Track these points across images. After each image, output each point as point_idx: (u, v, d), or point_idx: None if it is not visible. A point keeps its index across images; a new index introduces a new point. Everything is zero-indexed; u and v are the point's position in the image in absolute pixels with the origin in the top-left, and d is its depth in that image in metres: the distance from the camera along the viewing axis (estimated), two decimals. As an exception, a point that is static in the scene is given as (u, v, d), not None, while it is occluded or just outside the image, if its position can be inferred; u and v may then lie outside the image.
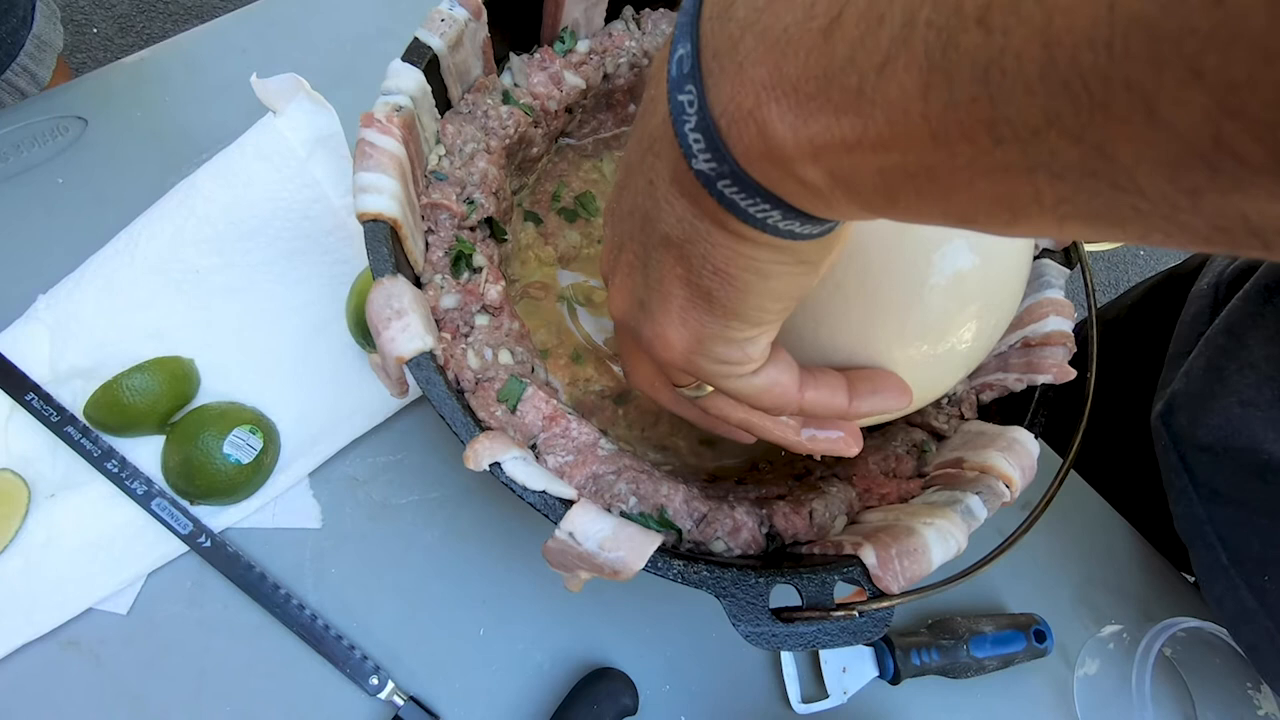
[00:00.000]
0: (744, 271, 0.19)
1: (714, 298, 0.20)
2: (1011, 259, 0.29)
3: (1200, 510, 0.44)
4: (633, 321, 0.23)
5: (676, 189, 0.19)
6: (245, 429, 0.39)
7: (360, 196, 0.29)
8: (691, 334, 0.21)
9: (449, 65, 0.35)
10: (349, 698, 0.38)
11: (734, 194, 0.17)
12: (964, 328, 0.28)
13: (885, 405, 0.26)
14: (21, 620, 0.36)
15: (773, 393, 0.23)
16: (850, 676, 0.42)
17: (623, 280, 0.23)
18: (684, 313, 0.21)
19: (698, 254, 0.19)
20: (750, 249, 0.18)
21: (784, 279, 0.19)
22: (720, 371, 0.22)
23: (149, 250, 0.43)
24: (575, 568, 0.28)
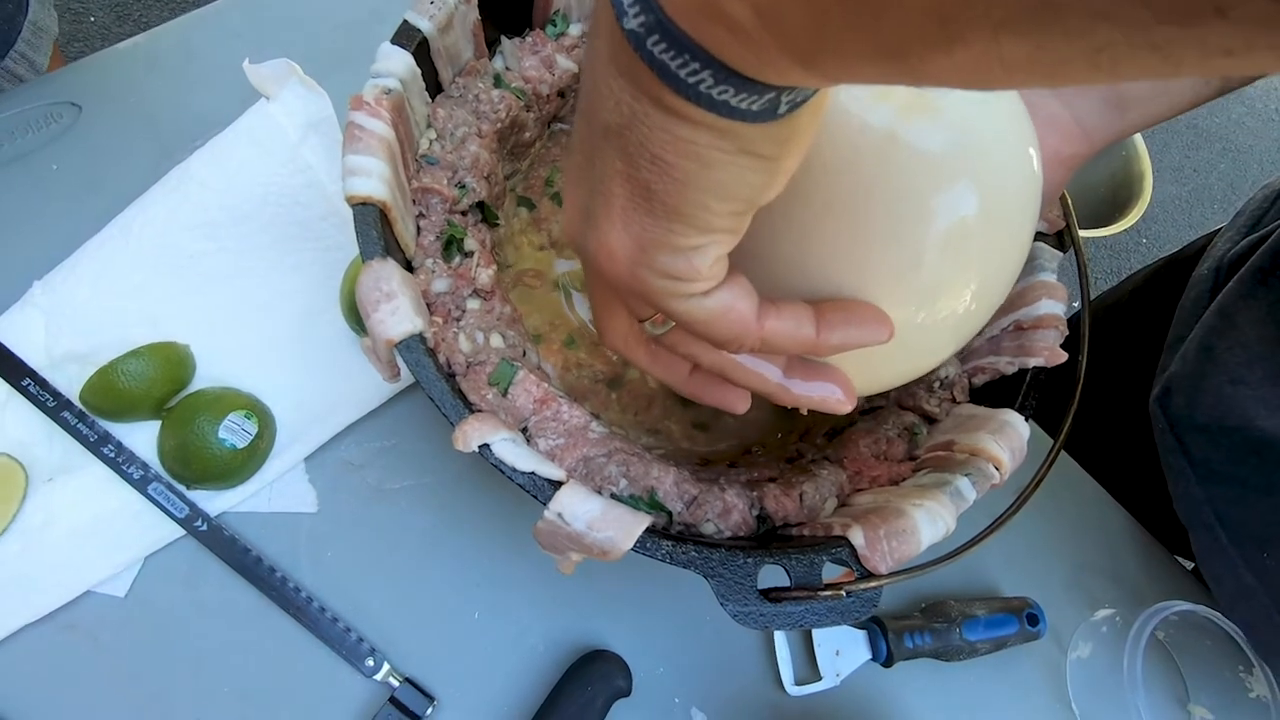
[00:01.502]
0: (682, 158, 0.17)
1: (653, 193, 0.18)
2: (1018, 209, 0.26)
3: (1198, 490, 0.44)
4: (580, 237, 0.21)
5: (613, 66, 0.17)
6: (240, 414, 0.40)
7: (349, 179, 0.29)
8: (634, 240, 0.20)
9: (439, 48, 0.35)
10: (345, 679, 0.39)
11: (663, 52, 0.16)
12: (964, 289, 0.25)
13: (861, 338, 0.23)
14: (20, 603, 0.37)
15: (727, 319, 0.21)
16: (843, 659, 0.42)
17: (572, 192, 0.21)
18: (625, 215, 0.19)
19: (636, 141, 0.18)
20: (688, 130, 0.17)
21: (727, 170, 0.18)
22: (667, 288, 0.20)
23: (143, 236, 0.43)
24: (565, 549, 0.29)
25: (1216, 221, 1.70)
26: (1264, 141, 1.82)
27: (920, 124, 0.23)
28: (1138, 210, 1.18)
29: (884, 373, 0.28)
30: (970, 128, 0.24)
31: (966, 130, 0.24)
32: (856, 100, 0.23)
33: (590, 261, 0.21)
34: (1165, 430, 0.46)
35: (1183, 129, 1.81)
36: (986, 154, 0.25)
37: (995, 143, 0.25)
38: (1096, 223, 1.20)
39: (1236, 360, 0.40)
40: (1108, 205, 1.22)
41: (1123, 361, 0.57)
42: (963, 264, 0.25)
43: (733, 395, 0.26)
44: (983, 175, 0.24)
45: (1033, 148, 0.26)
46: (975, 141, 0.24)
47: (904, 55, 0.13)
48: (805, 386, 0.25)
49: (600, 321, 0.25)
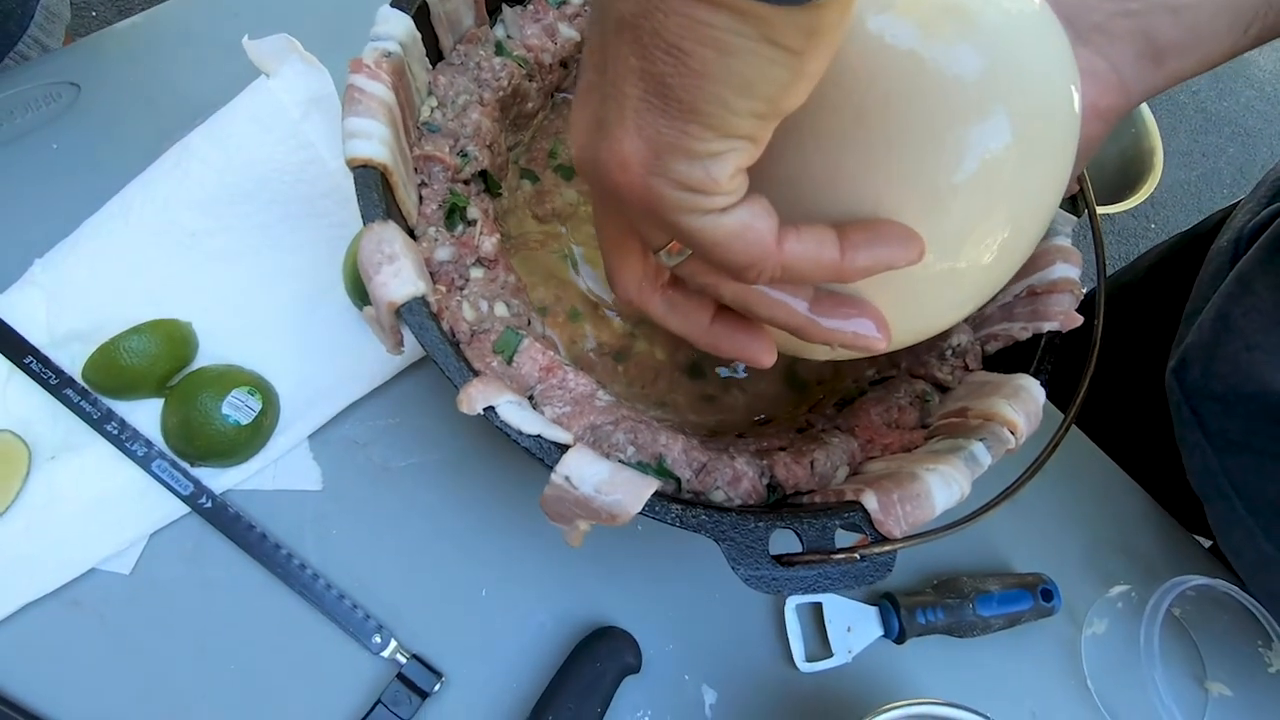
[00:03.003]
0: (700, 45, 0.16)
1: (669, 90, 0.17)
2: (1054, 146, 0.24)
3: (1214, 461, 0.43)
4: (590, 152, 0.20)
5: None
6: (244, 390, 0.39)
7: (349, 142, 0.29)
8: (648, 144, 0.18)
9: (439, 14, 0.34)
10: (352, 656, 0.38)
11: None
12: (988, 237, 0.24)
13: (889, 257, 0.21)
14: (25, 580, 0.36)
15: (745, 239, 0.19)
16: (855, 636, 0.42)
17: (581, 109, 0.20)
18: (639, 116, 0.18)
19: (651, 30, 0.16)
20: (708, 12, 0.16)
21: (748, 60, 0.16)
22: (681, 201, 0.19)
23: (144, 214, 0.42)
24: (573, 516, 0.28)
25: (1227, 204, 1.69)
26: (1274, 125, 1.80)
27: (951, 40, 0.22)
28: (1149, 186, 1.17)
29: (897, 330, 0.25)
30: (1006, 51, 0.22)
31: (1002, 53, 0.22)
32: (879, 14, 0.22)
33: (603, 175, 0.20)
34: (1181, 403, 0.45)
35: (1191, 113, 1.79)
36: (1024, 85, 0.23)
37: (1034, 72, 0.23)
38: (1108, 199, 1.18)
39: (1253, 326, 0.39)
40: (1118, 182, 1.21)
41: (1139, 338, 0.57)
42: (990, 202, 0.23)
43: (756, 343, 0.24)
44: (1018, 109, 0.22)
45: (1074, 85, 0.24)
46: (1012, 69, 0.22)
47: None
48: (835, 321, 0.23)
49: (612, 264, 0.23)
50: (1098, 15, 0.30)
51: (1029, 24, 0.23)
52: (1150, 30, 0.30)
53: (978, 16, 0.22)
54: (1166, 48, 0.30)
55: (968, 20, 0.22)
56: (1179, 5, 0.30)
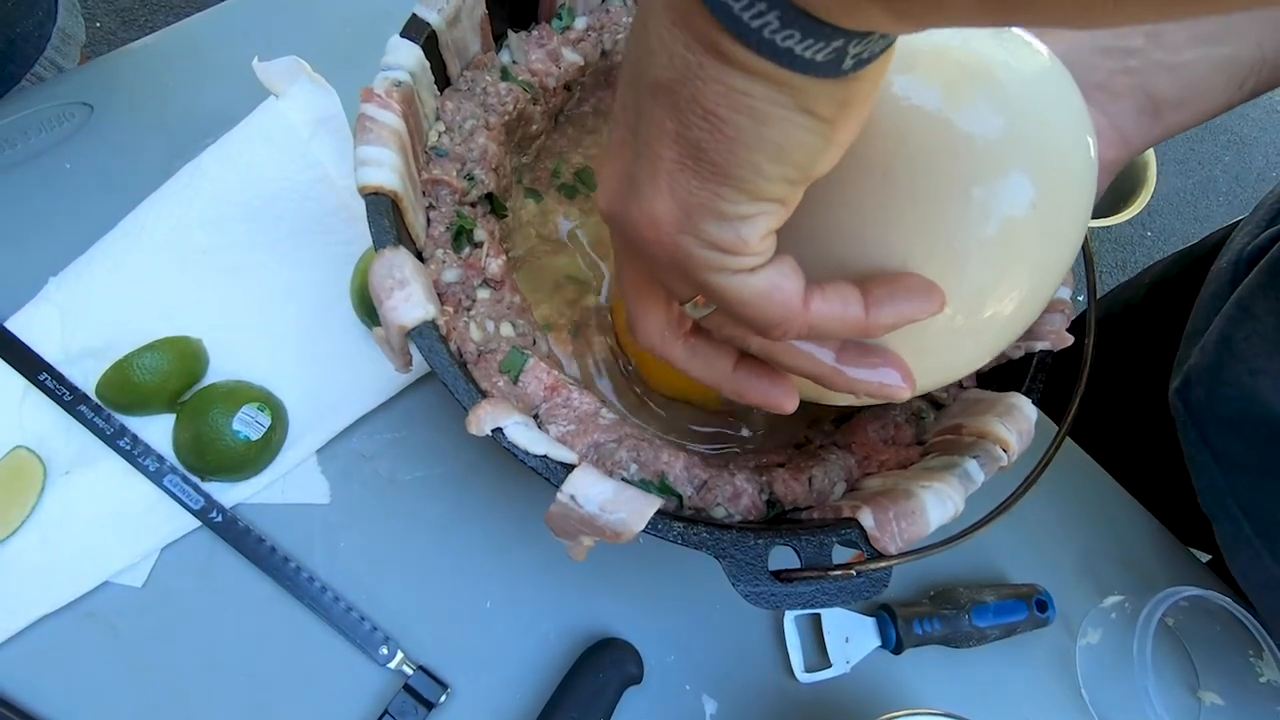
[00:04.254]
0: (736, 113, 0.16)
1: (704, 152, 0.17)
2: (1074, 201, 0.24)
3: (1221, 482, 0.44)
4: (619, 206, 0.20)
5: (668, 15, 0.16)
6: (254, 406, 0.40)
7: (361, 170, 0.30)
8: (680, 204, 0.18)
9: (447, 41, 0.35)
10: (359, 667, 0.39)
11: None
12: (1011, 290, 0.24)
13: (912, 311, 0.22)
14: (40, 593, 0.37)
15: (772, 299, 0.20)
16: (853, 646, 0.43)
17: (612, 162, 0.20)
18: (672, 177, 0.18)
19: (688, 96, 0.17)
20: (745, 82, 0.16)
21: (782, 129, 0.17)
22: (711, 260, 0.19)
23: (156, 232, 0.43)
24: (578, 533, 0.29)
25: (1222, 214, 1.70)
26: (1269, 134, 1.82)
27: (974, 101, 0.22)
28: (1143, 199, 1.18)
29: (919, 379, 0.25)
30: (1027, 110, 0.23)
31: (1023, 112, 0.23)
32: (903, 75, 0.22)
33: (631, 231, 0.20)
34: (1187, 423, 0.46)
35: (1187, 122, 1.80)
36: (1045, 142, 0.23)
37: (1054, 128, 0.23)
38: (1102, 212, 1.20)
39: (1256, 350, 0.40)
40: (1112, 195, 1.22)
41: (1141, 357, 0.57)
42: (1011, 259, 0.23)
43: (779, 390, 0.24)
44: (1039, 166, 0.23)
45: (1090, 136, 0.25)
46: (1033, 127, 0.23)
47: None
48: (861, 371, 0.23)
49: (635, 312, 0.23)
50: (1099, 74, 0.31)
51: (1047, 81, 0.24)
52: (1149, 87, 0.31)
53: (999, 76, 0.23)
54: (1165, 103, 0.31)
55: (990, 80, 0.23)
56: (1177, 63, 0.31)
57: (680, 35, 0.16)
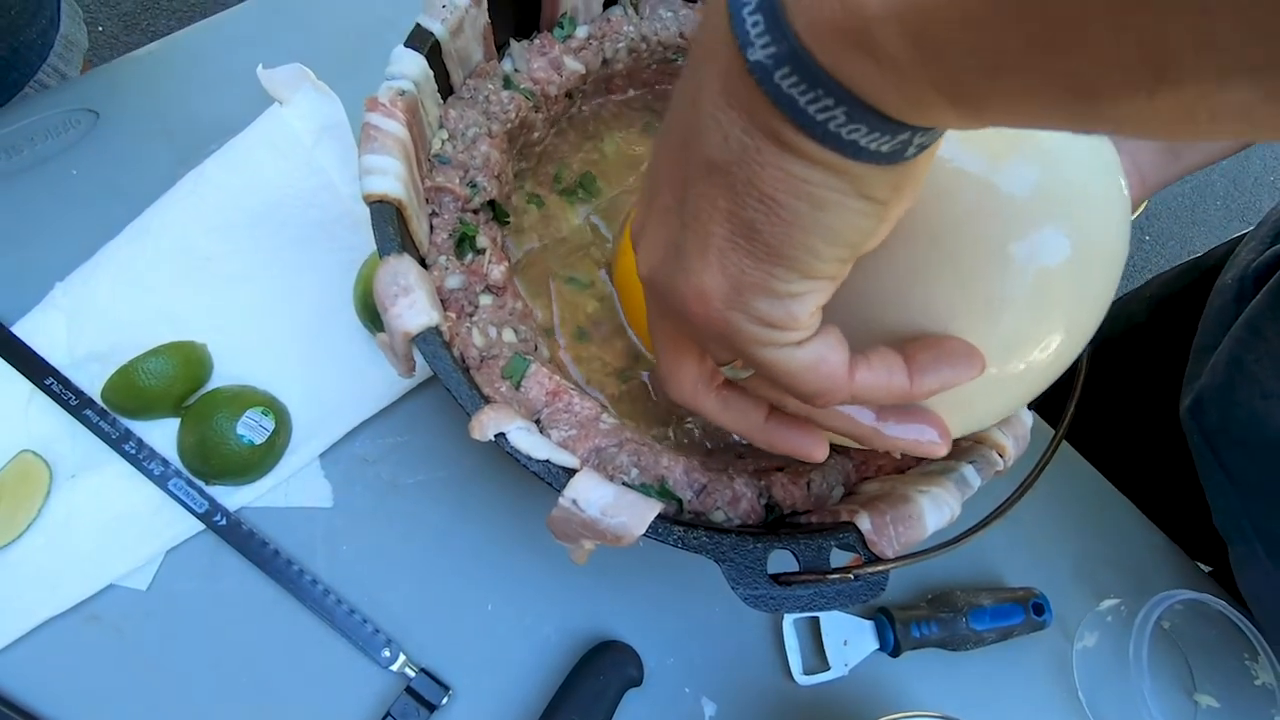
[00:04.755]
0: (794, 198, 0.16)
1: (758, 233, 0.17)
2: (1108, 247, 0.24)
3: (1236, 503, 0.44)
4: (664, 276, 0.20)
5: (726, 97, 0.16)
6: (258, 411, 0.40)
7: (366, 178, 0.30)
8: (730, 281, 0.18)
9: (451, 51, 0.36)
10: (362, 670, 0.39)
11: (792, 86, 0.15)
12: (1046, 341, 0.24)
13: (954, 378, 0.22)
14: (46, 595, 0.38)
15: (818, 371, 0.20)
16: (851, 649, 0.43)
17: (655, 229, 0.20)
18: (723, 255, 0.18)
19: (744, 178, 0.17)
20: (804, 169, 0.16)
21: (840, 214, 0.17)
22: (759, 335, 0.19)
23: (161, 238, 0.44)
24: (579, 536, 0.29)
25: (1219, 218, 1.71)
26: (1266, 138, 1.82)
27: (1013, 159, 0.22)
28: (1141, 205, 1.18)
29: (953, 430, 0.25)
30: (1063, 162, 0.23)
31: (1059, 165, 0.23)
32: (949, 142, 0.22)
33: (676, 301, 0.20)
34: (1201, 444, 0.46)
35: (1185, 126, 1.81)
36: (1081, 194, 0.23)
37: (1090, 178, 0.24)
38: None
39: (1268, 373, 0.40)
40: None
41: (1147, 371, 0.57)
42: (1045, 309, 0.23)
43: (810, 442, 0.24)
44: (1076, 217, 0.23)
45: (1122, 180, 0.25)
46: (1069, 179, 0.23)
47: (1092, 96, 0.12)
48: (899, 429, 0.23)
49: (667, 367, 0.23)
50: None
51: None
52: None
53: (1039, 133, 0.23)
54: (1182, 145, 0.31)
55: (1030, 137, 0.23)
56: None
57: (737, 119, 0.16)
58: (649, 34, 0.42)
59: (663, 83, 0.46)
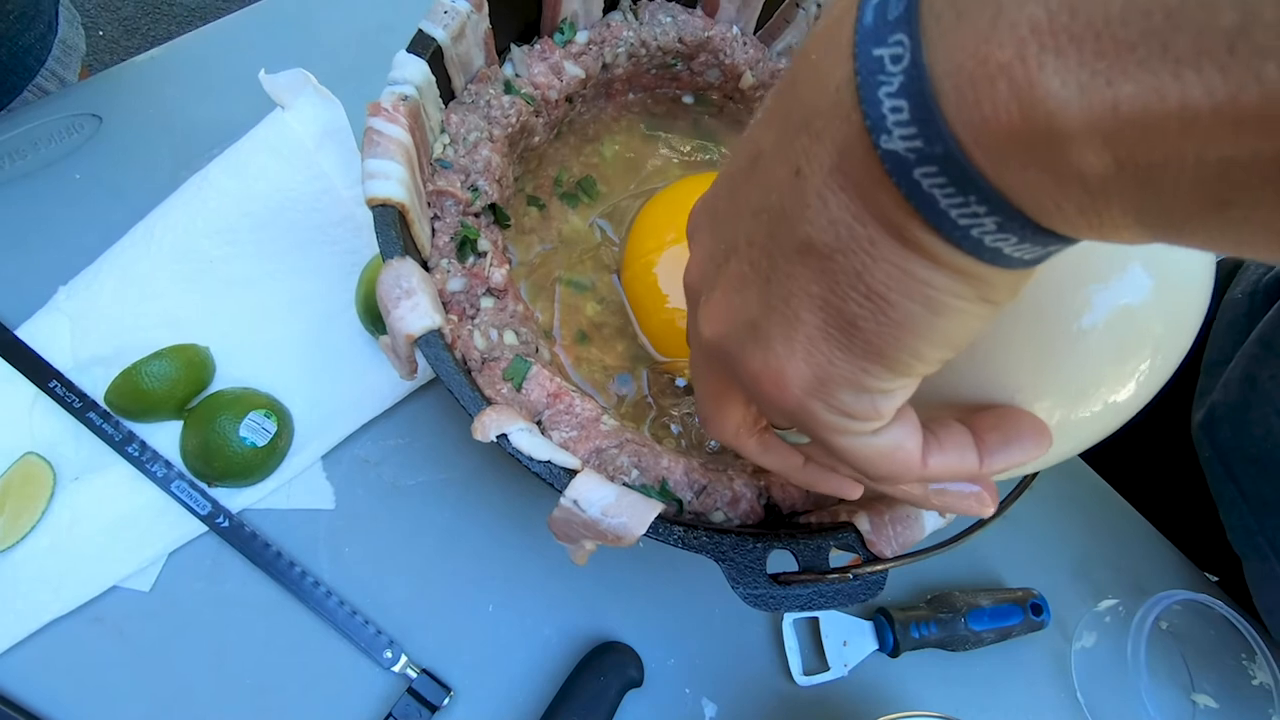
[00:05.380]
0: (909, 300, 0.15)
1: (857, 330, 0.16)
2: (1193, 271, 0.22)
3: (1251, 521, 0.44)
4: (735, 348, 0.18)
5: (839, 177, 0.14)
6: (260, 413, 0.41)
7: (369, 182, 0.30)
8: (815, 372, 0.17)
9: (452, 56, 0.36)
10: (364, 671, 0.39)
11: (936, 186, 0.13)
12: (1125, 380, 0.22)
13: (1022, 459, 0.21)
14: (50, 597, 0.38)
15: (893, 459, 0.19)
16: (850, 650, 0.43)
17: (727, 296, 0.18)
18: (811, 344, 0.16)
19: (849, 269, 0.15)
20: (927, 271, 0.14)
21: (957, 318, 0.15)
22: (836, 425, 0.18)
23: (164, 241, 0.44)
24: (580, 537, 0.30)
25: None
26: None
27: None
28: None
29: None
30: None
31: None
32: None
33: (746, 376, 0.18)
34: (1213, 459, 0.46)
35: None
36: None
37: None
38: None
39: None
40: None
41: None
42: (1125, 349, 0.22)
43: (848, 486, 0.24)
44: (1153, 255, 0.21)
45: None
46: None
47: None
48: (951, 490, 0.22)
49: (711, 412, 0.22)
50: None
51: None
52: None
53: None
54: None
55: None
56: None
57: (850, 204, 0.14)
58: (648, 39, 0.42)
59: (661, 87, 0.47)
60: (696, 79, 0.46)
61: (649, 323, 0.40)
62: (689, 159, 0.46)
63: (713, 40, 0.44)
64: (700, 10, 0.44)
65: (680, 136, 0.47)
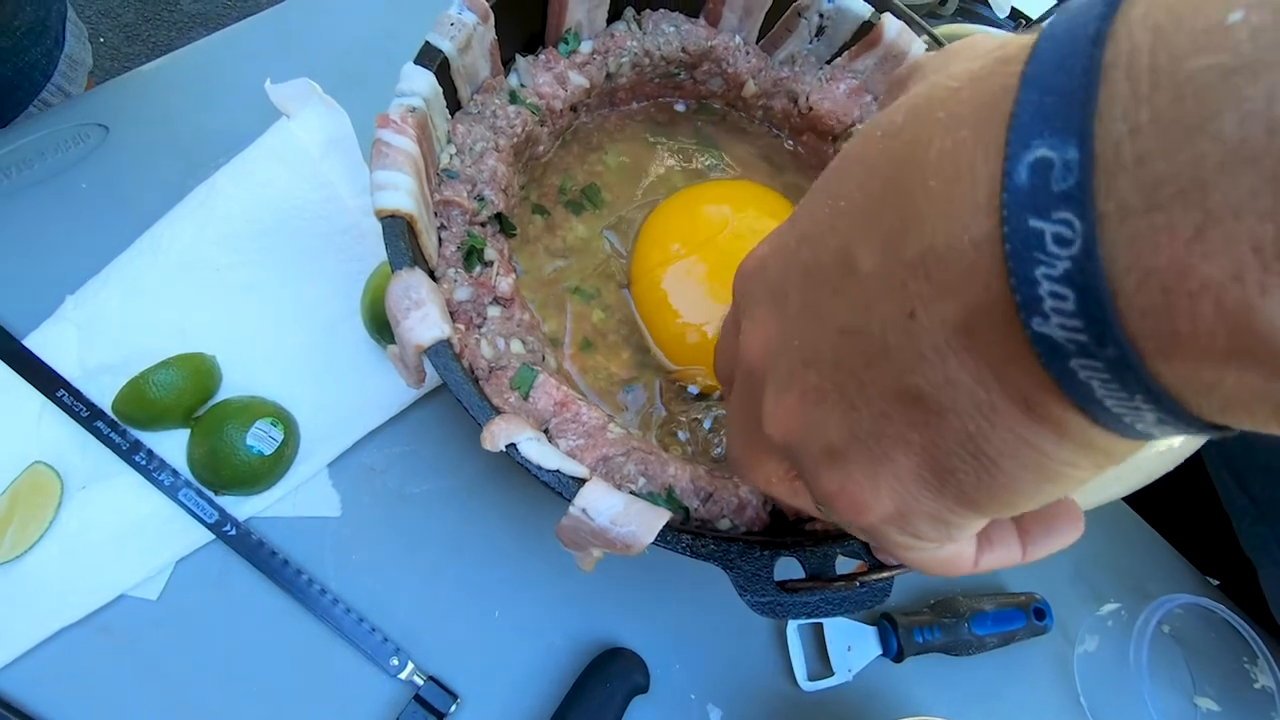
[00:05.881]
0: (1021, 466, 0.14)
1: (955, 482, 0.15)
2: None
3: (1265, 529, 0.44)
4: (808, 462, 0.17)
5: (965, 341, 0.13)
6: (267, 421, 0.41)
7: (378, 194, 0.31)
8: (898, 506, 0.16)
9: (459, 67, 0.36)
10: (371, 678, 0.40)
11: (1096, 378, 0.11)
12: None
13: (1060, 544, 0.21)
14: (58, 606, 0.38)
15: (951, 564, 0.19)
16: (855, 654, 0.43)
17: (803, 407, 0.17)
18: (900, 483, 0.15)
19: (959, 429, 0.14)
20: (1054, 444, 0.13)
21: (1066, 483, 0.14)
22: (906, 544, 0.17)
23: (171, 250, 0.44)
24: (588, 545, 0.30)
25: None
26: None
27: None
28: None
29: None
30: None
31: None
32: None
33: (819, 494, 0.18)
34: (1222, 468, 0.46)
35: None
36: None
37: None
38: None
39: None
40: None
41: None
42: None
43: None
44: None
45: None
46: None
47: None
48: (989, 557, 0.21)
49: (746, 466, 0.22)
50: None
51: None
52: None
53: None
54: None
55: None
56: None
57: (974, 368, 0.13)
58: (652, 48, 0.43)
59: (664, 95, 0.47)
60: (699, 87, 0.47)
61: (661, 336, 0.40)
62: (691, 167, 0.47)
63: (715, 49, 0.44)
64: (703, 20, 0.44)
65: (683, 144, 0.47)
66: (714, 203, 0.43)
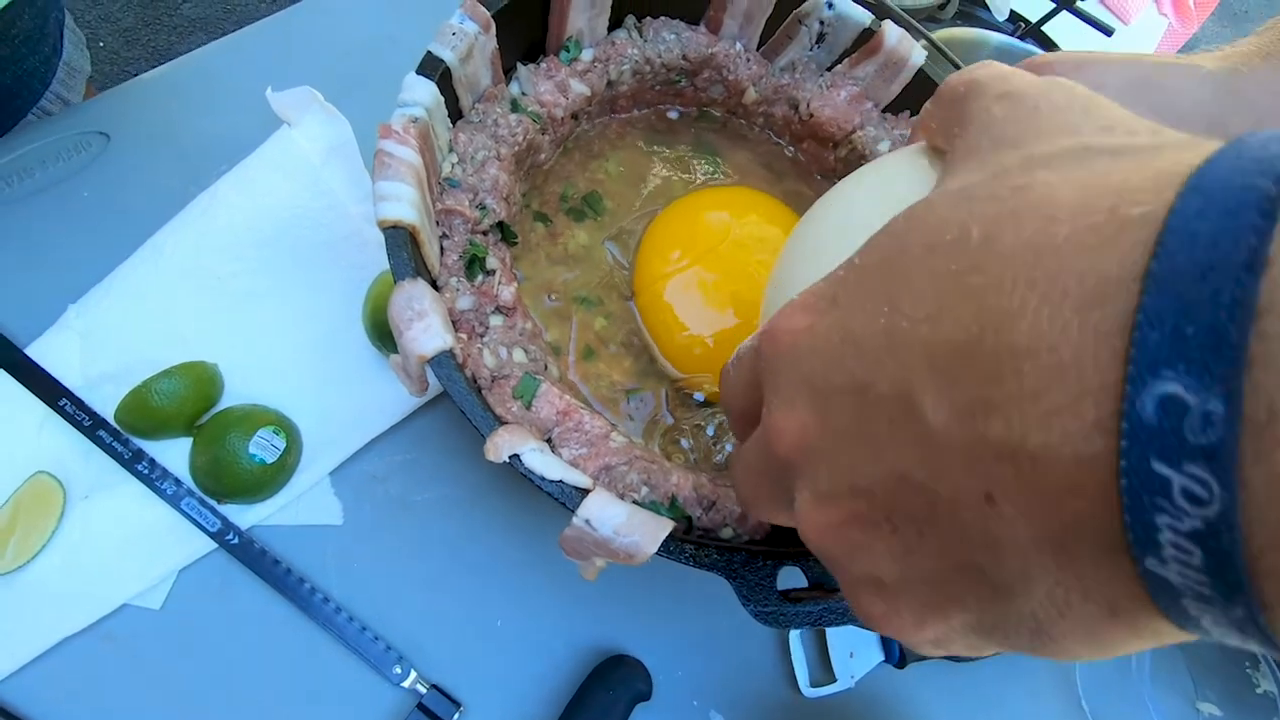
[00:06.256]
0: (1082, 644, 0.13)
1: (1004, 635, 0.14)
2: None
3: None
4: (847, 578, 0.17)
5: (1059, 557, 0.12)
6: (269, 430, 0.41)
7: (380, 205, 0.31)
8: (935, 639, 0.15)
9: (460, 77, 0.37)
10: (374, 687, 0.40)
11: (1202, 612, 0.11)
12: None
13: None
14: (61, 615, 0.38)
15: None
16: (857, 661, 0.43)
17: (844, 529, 0.16)
18: (948, 629, 0.15)
19: (1025, 612, 0.13)
20: (1121, 635, 0.12)
21: (1116, 651, 0.13)
22: (926, 650, 0.17)
23: (173, 259, 0.44)
24: (591, 555, 0.30)
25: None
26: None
27: None
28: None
29: None
30: None
31: None
32: None
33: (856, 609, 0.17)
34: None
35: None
36: None
37: None
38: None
39: None
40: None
41: None
42: None
43: None
44: None
45: None
46: None
47: None
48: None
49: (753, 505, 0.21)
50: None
51: None
52: None
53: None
54: None
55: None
56: None
57: (1055, 570, 0.12)
58: (652, 56, 0.43)
59: (665, 103, 0.47)
60: (700, 95, 0.47)
61: (668, 348, 0.40)
62: (691, 174, 0.47)
63: (716, 57, 0.44)
64: (704, 27, 0.45)
65: (683, 151, 0.47)
66: (714, 209, 0.43)
